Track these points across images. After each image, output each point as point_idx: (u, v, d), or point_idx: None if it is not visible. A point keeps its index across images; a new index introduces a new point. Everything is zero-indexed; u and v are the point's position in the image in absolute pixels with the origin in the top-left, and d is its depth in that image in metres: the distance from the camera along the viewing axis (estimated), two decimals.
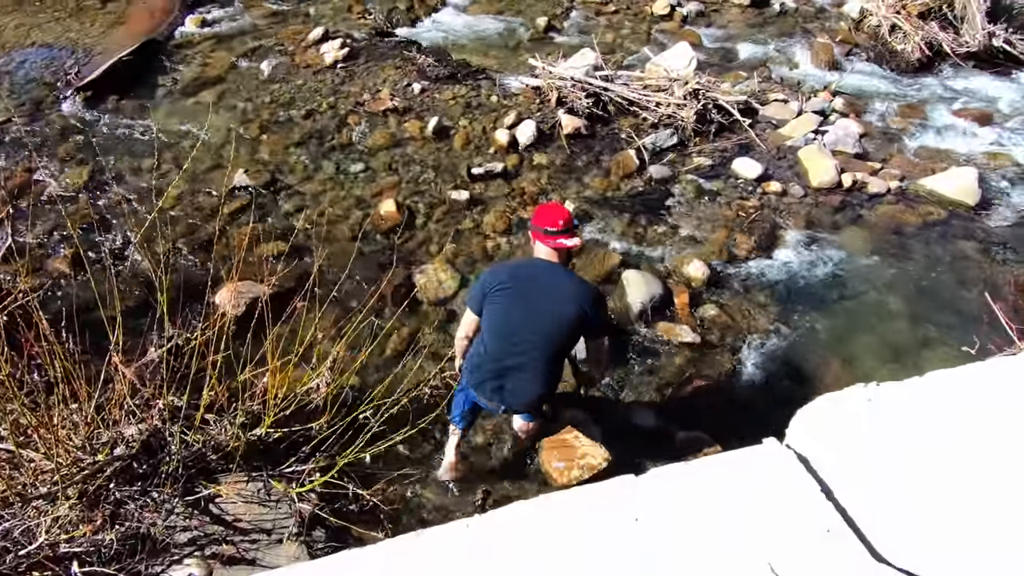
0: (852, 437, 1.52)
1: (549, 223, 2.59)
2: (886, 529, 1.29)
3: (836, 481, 1.40)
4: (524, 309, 2.54)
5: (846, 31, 7.83)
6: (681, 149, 5.57)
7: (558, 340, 2.57)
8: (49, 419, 2.57)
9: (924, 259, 4.66)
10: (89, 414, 2.65)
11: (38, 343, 2.51)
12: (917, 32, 7.30)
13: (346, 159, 5.17)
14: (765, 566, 1.25)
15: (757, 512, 1.36)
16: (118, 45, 6.21)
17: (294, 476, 2.86)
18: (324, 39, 6.61)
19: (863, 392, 1.65)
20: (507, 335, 2.56)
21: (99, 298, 2.86)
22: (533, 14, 7.92)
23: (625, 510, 1.38)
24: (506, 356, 2.56)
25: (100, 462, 2.60)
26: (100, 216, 4.38)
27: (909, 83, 7.01)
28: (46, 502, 2.47)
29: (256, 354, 2.84)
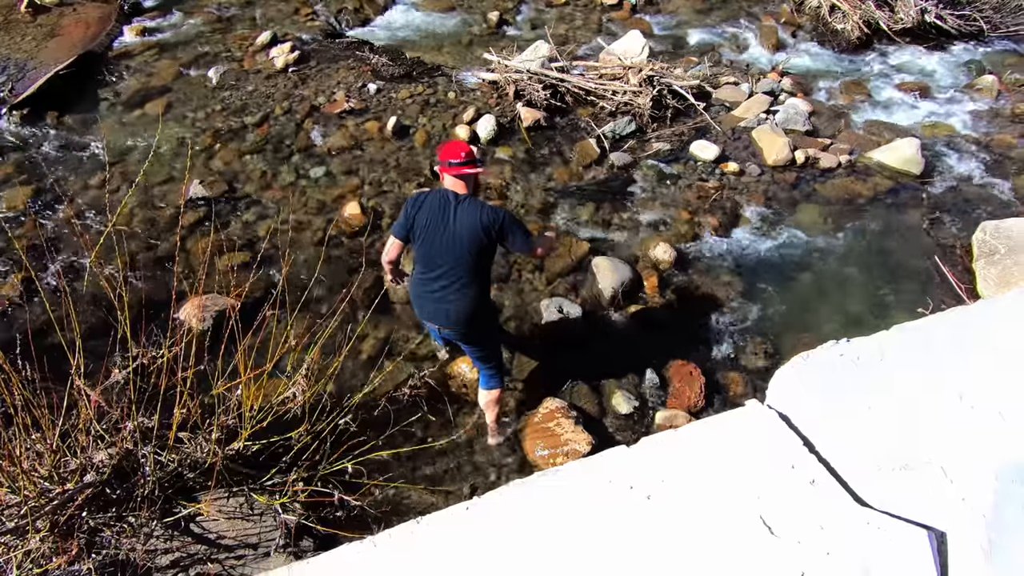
0: (828, 392, 1.59)
1: (452, 156, 2.89)
2: (866, 476, 1.35)
3: (817, 435, 1.46)
4: (440, 240, 2.85)
5: (788, 13, 8.08)
6: (640, 135, 5.66)
7: (473, 261, 2.87)
8: (10, 451, 2.46)
9: (877, 228, 4.86)
10: (54, 442, 2.54)
11: None
12: (855, 12, 7.58)
13: (305, 164, 5.07)
14: (757, 520, 1.30)
15: (746, 470, 1.41)
16: (53, 59, 5.93)
17: (277, 488, 2.81)
18: (272, 43, 6.46)
19: (835, 348, 1.72)
20: (429, 267, 2.91)
21: (55, 322, 2.74)
22: (484, 9, 7.90)
23: (621, 479, 1.41)
24: (432, 283, 2.92)
25: (70, 491, 2.50)
26: (48, 237, 4.19)
27: (851, 61, 7.28)
28: (15, 537, 2.37)
29: (228, 367, 2.77)
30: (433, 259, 2.89)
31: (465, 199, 2.90)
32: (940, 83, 6.83)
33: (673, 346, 3.88)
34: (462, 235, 2.83)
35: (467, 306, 2.93)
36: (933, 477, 1.38)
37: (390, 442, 3.11)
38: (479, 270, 2.95)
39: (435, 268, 2.90)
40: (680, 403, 3.54)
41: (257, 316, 2.93)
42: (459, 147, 2.94)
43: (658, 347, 3.86)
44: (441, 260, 2.88)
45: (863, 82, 6.81)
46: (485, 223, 2.83)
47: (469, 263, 2.88)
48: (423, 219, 2.88)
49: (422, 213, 2.89)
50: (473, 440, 3.36)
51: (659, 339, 3.90)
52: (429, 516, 1.51)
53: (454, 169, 2.90)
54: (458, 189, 2.92)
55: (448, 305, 2.93)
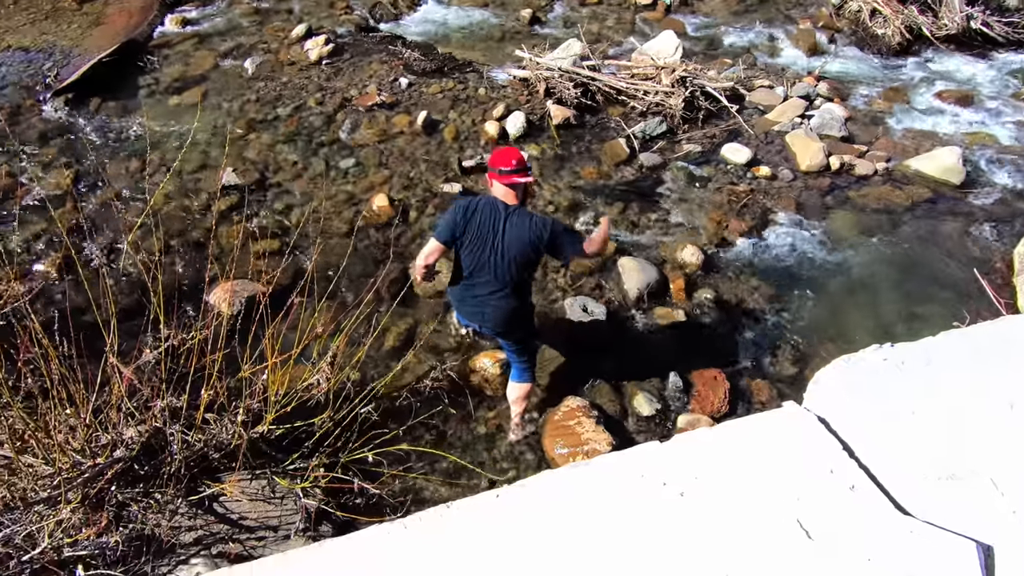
0: (870, 396, 1.55)
1: (503, 164, 2.89)
2: (909, 484, 1.31)
3: (857, 439, 1.42)
4: (487, 252, 2.87)
5: (827, 17, 7.92)
6: (670, 137, 5.59)
7: (518, 274, 2.92)
8: (46, 424, 2.53)
9: (912, 238, 4.73)
10: (87, 417, 2.61)
11: (32, 347, 2.47)
12: (897, 16, 7.39)
13: (336, 155, 5.13)
14: (794, 523, 1.27)
15: (782, 472, 1.38)
16: (97, 46, 6.10)
17: (298, 472, 2.84)
18: (307, 36, 6.55)
19: (879, 352, 1.67)
20: (474, 274, 2.93)
21: (92, 301, 2.82)
22: (517, 6, 7.90)
23: (654, 474, 1.40)
24: (475, 288, 2.95)
25: (100, 465, 2.56)
26: (88, 218, 4.31)
27: (891, 66, 7.10)
28: (47, 507, 2.44)
29: (255, 352, 2.81)
30: (479, 268, 2.91)
31: (515, 211, 2.89)
32: (985, 92, 6.62)
33: (698, 350, 3.83)
34: (510, 250, 2.85)
35: (507, 312, 2.98)
36: (981, 488, 1.33)
37: (410, 433, 3.13)
38: (522, 281, 3.00)
39: (479, 275, 2.92)
40: (703, 408, 3.49)
41: (285, 303, 2.96)
42: (511, 154, 2.93)
43: (682, 350, 3.81)
44: (487, 270, 2.90)
45: (903, 89, 6.64)
46: (533, 239, 2.84)
47: (514, 275, 2.91)
48: (472, 228, 2.87)
49: (471, 222, 2.87)
50: (492, 435, 3.36)
51: (684, 342, 3.85)
52: (459, 502, 1.51)
53: (505, 177, 2.89)
54: (508, 199, 2.91)
55: (488, 309, 2.97)
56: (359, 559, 1.46)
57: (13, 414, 2.46)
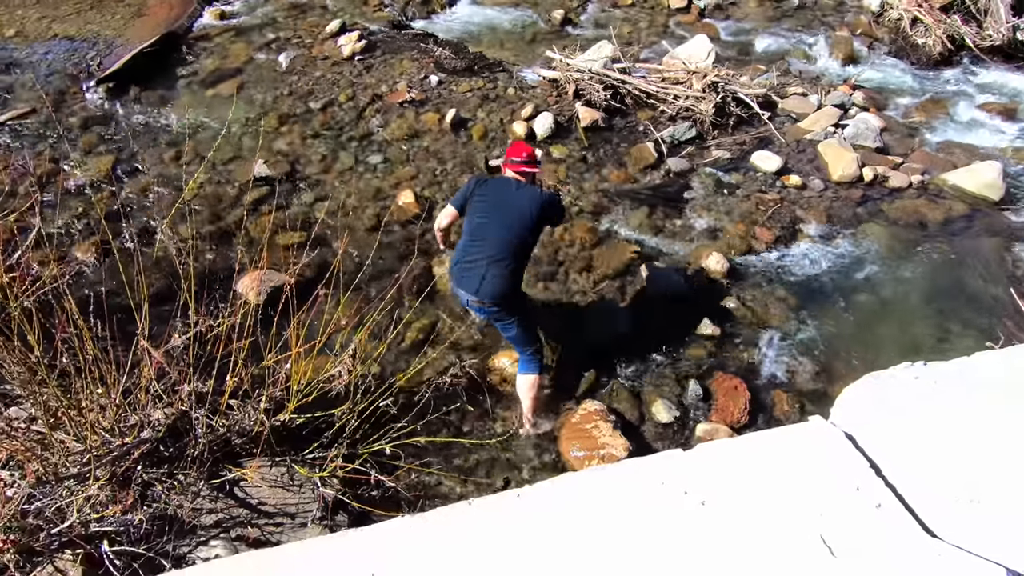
0: (899, 414, 1.52)
1: (515, 155, 3.26)
2: (937, 505, 1.28)
3: (884, 458, 1.39)
4: (494, 216, 3.11)
5: (866, 24, 7.74)
6: (699, 142, 5.54)
7: (519, 241, 3.11)
8: (78, 402, 2.61)
9: (947, 254, 4.60)
10: (117, 397, 2.69)
11: (68, 327, 2.55)
12: (939, 26, 7.20)
13: (364, 150, 5.19)
14: (817, 539, 1.25)
15: (807, 487, 1.36)
16: (138, 37, 6.27)
17: (317, 461, 2.89)
18: (341, 32, 6.64)
19: (910, 370, 1.63)
20: (476, 238, 3.11)
21: (126, 284, 2.90)
22: (549, 7, 7.89)
23: (675, 482, 1.39)
24: (473, 254, 3.09)
25: (128, 444, 2.63)
26: (125, 204, 4.44)
27: (931, 77, 6.92)
28: (77, 482, 2.52)
29: (279, 341, 2.86)
30: (482, 232, 3.11)
31: (524, 185, 3.23)
32: None
33: (719, 359, 3.79)
34: (516, 213, 3.10)
35: (503, 280, 3.06)
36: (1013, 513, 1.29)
37: (428, 428, 3.15)
38: (522, 252, 3.16)
39: (481, 241, 3.10)
40: (723, 418, 3.45)
41: (310, 294, 3.01)
42: (524, 148, 3.30)
43: (704, 358, 3.77)
44: (489, 234, 3.09)
45: (942, 100, 6.47)
46: (542, 200, 3.14)
47: (515, 243, 3.09)
48: (483, 194, 3.17)
49: (484, 189, 3.19)
50: (509, 435, 3.37)
51: (705, 350, 3.81)
52: (480, 499, 1.52)
53: (515, 166, 3.26)
54: (518, 179, 3.27)
55: (487, 275, 3.05)
56: (379, 550, 1.48)
57: (48, 391, 2.54)
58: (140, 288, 2.82)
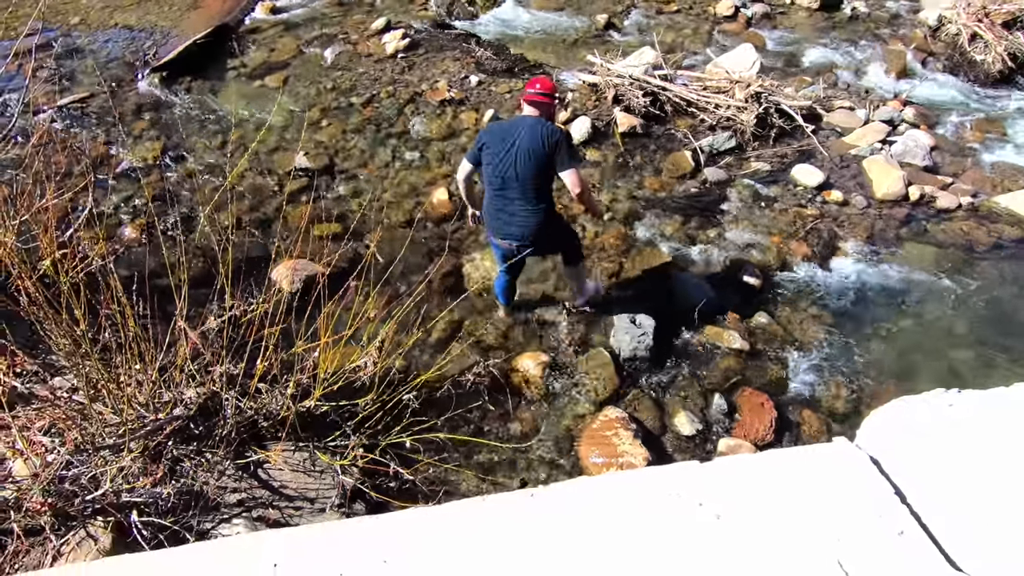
0: (929, 442, 1.47)
1: (530, 87, 3.27)
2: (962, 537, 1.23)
3: (910, 485, 1.35)
4: (506, 159, 3.14)
5: (921, 38, 7.48)
6: (739, 153, 5.44)
7: (536, 173, 3.14)
8: (118, 376, 2.72)
9: (995, 279, 4.41)
10: (153, 374, 2.80)
11: (112, 304, 2.66)
12: (1000, 42, 6.90)
13: (402, 147, 5.27)
14: (834, 563, 1.22)
15: (827, 509, 1.33)
16: (193, 29, 6.50)
17: (339, 449, 2.95)
18: (386, 29, 6.75)
19: (944, 397, 1.58)
20: (499, 184, 3.19)
21: (168, 266, 3.01)
22: (593, 11, 7.87)
23: (690, 494, 1.38)
24: (505, 202, 3.21)
25: (161, 420, 2.74)
26: (170, 189, 4.61)
27: (987, 95, 6.64)
28: (112, 453, 2.63)
29: (309, 330, 2.93)
30: (501, 180, 3.17)
31: (536, 121, 3.17)
32: None
33: (747, 374, 3.71)
34: (525, 148, 3.11)
35: (538, 223, 3.22)
36: None
37: (449, 424, 3.18)
38: (544, 188, 3.21)
39: (503, 188, 3.18)
40: (747, 434, 3.38)
41: (342, 285, 3.07)
42: (540, 81, 3.28)
43: (731, 372, 3.71)
44: (508, 179, 3.15)
45: (999, 120, 6.20)
46: (544, 134, 3.10)
47: (538, 175, 3.14)
48: (491, 140, 3.20)
49: (491, 136, 3.21)
50: (528, 435, 3.38)
51: (733, 364, 3.75)
52: (495, 496, 1.54)
53: (527, 96, 3.25)
54: (532, 113, 3.22)
55: (519, 221, 3.20)
56: (393, 538, 1.50)
57: (91, 364, 2.66)
58: (180, 271, 2.92)
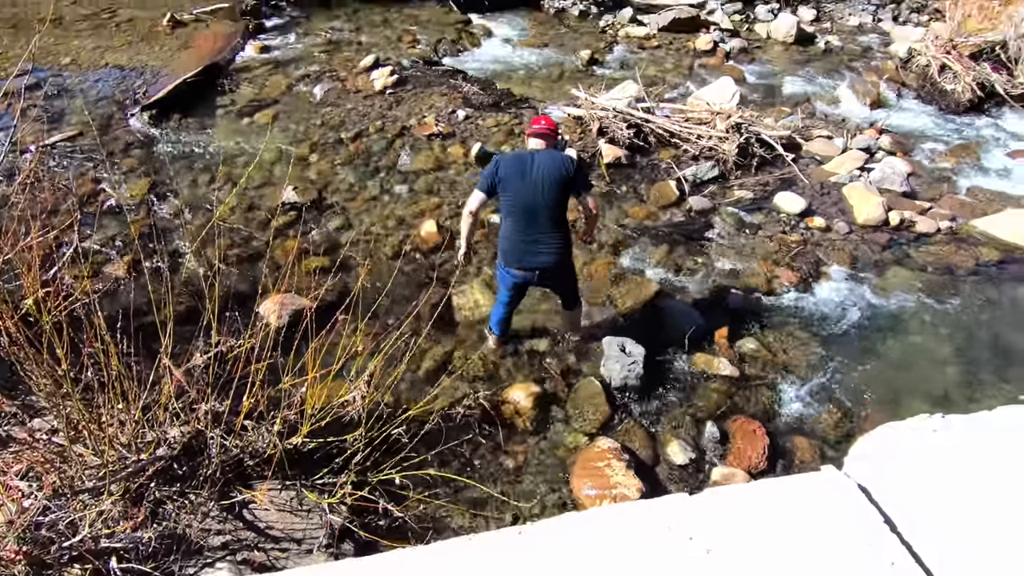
0: (916, 468, 1.46)
1: (535, 123, 3.52)
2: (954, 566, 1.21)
3: (900, 513, 1.34)
4: (527, 188, 3.25)
5: (893, 70, 7.77)
6: (722, 181, 5.55)
7: (561, 200, 3.31)
8: (99, 416, 2.67)
9: (977, 302, 4.48)
10: (136, 413, 2.74)
11: (95, 342, 2.62)
12: (968, 72, 7.18)
13: (391, 180, 5.32)
14: None
15: (816, 540, 1.31)
16: (183, 68, 6.60)
17: (326, 487, 2.88)
18: (375, 66, 6.90)
19: (928, 423, 1.58)
20: (521, 213, 3.27)
21: (153, 303, 2.98)
22: (577, 47, 8.11)
23: (680, 528, 1.36)
24: (527, 227, 3.28)
25: (144, 461, 2.67)
26: (158, 225, 4.60)
27: (960, 123, 6.87)
28: (91, 496, 2.55)
29: (296, 364, 2.90)
30: (526, 205, 3.25)
31: (547, 151, 3.39)
32: None
33: (738, 401, 3.71)
34: (547, 182, 3.24)
35: (563, 246, 3.35)
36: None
37: (439, 458, 3.13)
38: (562, 212, 3.34)
39: (526, 217, 3.26)
40: (740, 462, 3.36)
41: (330, 319, 3.06)
42: (544, 118, 3.57)
43: (722, 399, 3.70)
44: (532, 208, 3.24)
45: (972, 146, 6.40)
46: (563, 168, 3.28)
47: (558, 201, 3.28)
48: (508, 172, 3.28)
49: (506, 168, 3.29)
50: (520, 469, 3.33)
51: (724, 391, 3.74)
52: (481, 535, 1.50)
53: (535, 131, 3.47)
54: (538, 146, 3.43)
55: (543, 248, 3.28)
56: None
57: (72, 404, 2.60)
58: (166, 307, 2.90)
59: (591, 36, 8.56)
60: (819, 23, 9.56)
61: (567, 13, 9.27)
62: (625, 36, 8.60)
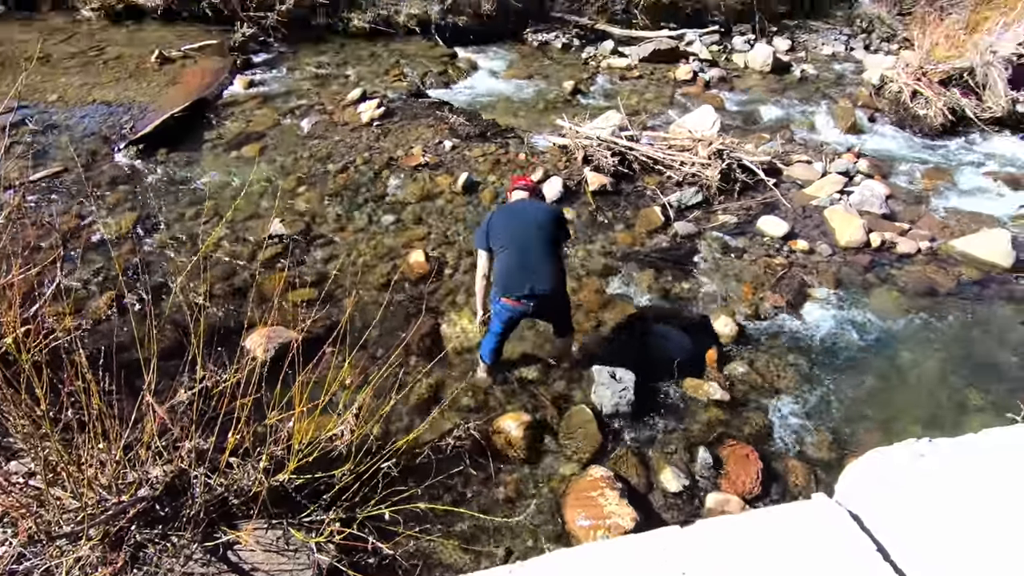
0: (906, 494, 1.46)
1: (517, 180, 3.89)
2: None
3: (892, 540, 1.33)
4: (522, 226, 3.49)
5: (867, 96, 8.01)
6: (706, 207, 5.64)
7: (550, 237, 3.51)
8: (78, 458, 2.59)
9: (960, 320, 4.55)
10: (117, 453, 2.67)
11: (76, 380, 2.57)
12: (939, 98, 7.42)
13: (378, 211, 5.34)
14: None
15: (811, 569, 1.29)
16: (171, 103, 6.63)
17: (314, 525, 2.81)
18: (362, 99, 6.99)
19: (916, 447, 1.58)
20: (518, 249, 3.43)
21: (136, 339, 2.93)
22: (561, 79, 8.28)
23: (671, 562, 1.33)
24: (524, 259, 3.42)
25: (124, 503, 2.59)
26: (143, 260, 4.56)
27: (934, 146, 7.07)
28: (69, 541, 2.46)
29: (284, 398, 2.85)
30: (521, 243, 3.43)
31: (533, 200, 3.77)
32: None
33: (730, 425, 3.70)
34: (539, 218, 3.53)
35: (559, 273, 3.51)
36: None
37: (429, 492, 3.07)
38: (556, 247, 3.54)
39: (525, 250, 3.42)
40: (734, 488, 3.33)
41: (318, 351, 3.02)
42: (522, 179, 3.94)
43: (713, 424, 3.69)
44: (530, 242, 3.43)
45: (947, 168, 6.58)
46: (552, 213, 3.62)
47: (552, 239, 3.49)
48: (500, 222, 3.52)
49: (499, 219, 3.54)
50: (513, 500, 3.27)
51: (715, 416, 3.73)
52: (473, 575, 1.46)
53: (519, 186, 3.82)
54: (522, 196, 3.75)
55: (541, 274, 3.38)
56: None
57: (50, 445, 2.53)
58: (150, 343, 2.85)
59: (574, 68, 8.77)
60: (794, 52, 9.88)
61: (550, 46, 9.50)
62: (607, 67, 8.82)
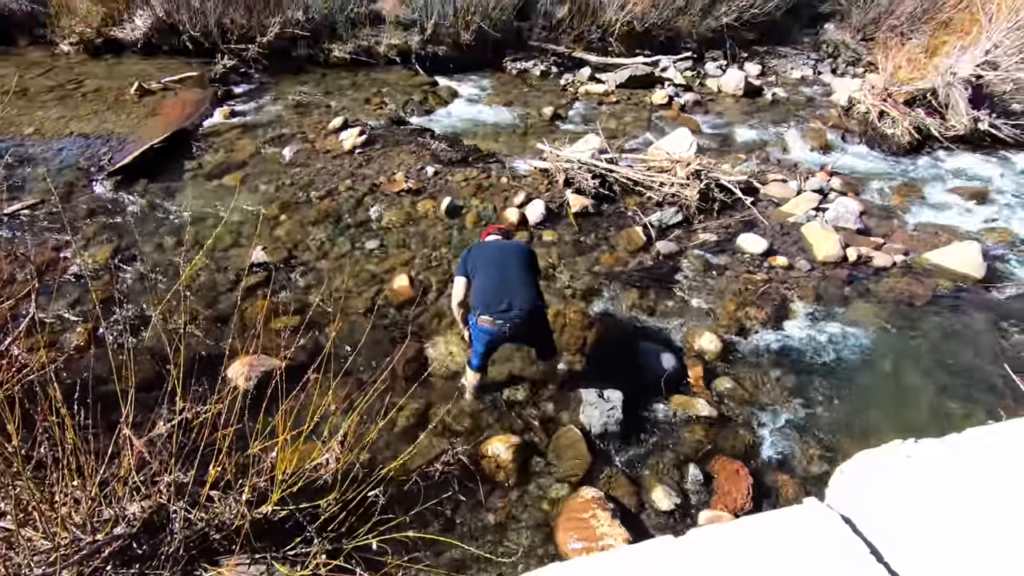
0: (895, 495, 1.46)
1: (491, 228, 4.03)
2: None
3: (884, 542, 1.32)
4: (498, 256, 3.61)
5: (836, 117, 8.28)
6: (686, 226, 5.73)
7: (526, 265, 3.63)
8: (52, 496, 2.50)
9: (937, 331, 4.64)
10: (92, 490, 2.58)
11: (50, 416, 2.49)
12: (905, 118, 7.70)
13: (361, 237, 5.33)
14: None
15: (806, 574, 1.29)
16: (151, 135, 6.62)
17: (299, 558, 2.72)
18: (344, 127, 7.04)
19: (902, 448, 1.60)
20: (496, 273, 3.53)
21: (115, 371, 2.87)
22: (540, 105, 8.44)
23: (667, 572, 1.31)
24: (503, 279, 3.50)
25: (99, 542, 2.49)
26: (121, 291, 4.48)
27: (902, 164, 7.31)
28: None
29: (266, 428, 2.79)
30: (500, 269, 3.53)
31: (507, 240, 3.92)
32: (999, 188, 6.74)
33: (719, 441, 3.70)
34: (515, 251, 3.68)
35: (536, 296, 3.54)
36: None
37: (418, 519, 3.01)
38: (533, 275, 3.64)
39: (503, 273, 3.51)
40: (726, 504, 3.31)
41: (301, 378, 2.97)
42: (497, 225, 4.23)
43: (702, 441, 3.68)
44: (506, 264, 3.55)
45: (916, 185, 6.79)
46: (524, 247, 3.80)
47: (528, 267, 3.61)
48: (480, 254, 3.64)
49: (480, 251, 3.68)
50: (503, 525, 3.21)
51: (704, 433, 3.73)
52: None
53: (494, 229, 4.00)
54: (496, 237, 3.90)
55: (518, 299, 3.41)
56: None
57: (22, 484, 2.44)
58: (127, 375, 2.78)
59: (553, 94, 8.96)
60: (765, 77, 10.21)
61: (529, 73, 9.71)
62: (585, 93, 9.02)
